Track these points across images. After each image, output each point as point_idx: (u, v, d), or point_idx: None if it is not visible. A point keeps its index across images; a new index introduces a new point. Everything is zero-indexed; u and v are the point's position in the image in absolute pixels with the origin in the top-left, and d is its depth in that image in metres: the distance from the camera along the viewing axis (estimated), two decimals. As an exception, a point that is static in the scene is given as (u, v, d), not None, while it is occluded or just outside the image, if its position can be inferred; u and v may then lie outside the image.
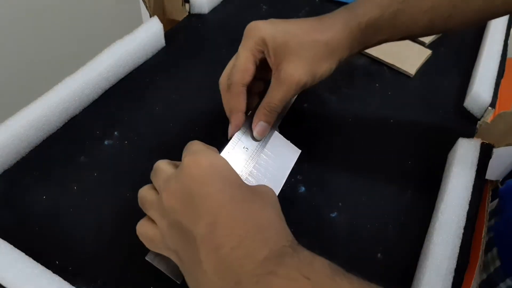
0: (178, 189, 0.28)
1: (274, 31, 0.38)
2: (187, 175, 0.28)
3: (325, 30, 0.38)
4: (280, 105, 0.39)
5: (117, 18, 1.02)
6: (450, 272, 0.35)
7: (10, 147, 0.40)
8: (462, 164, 0.42)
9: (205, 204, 0.27)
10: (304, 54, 0.37)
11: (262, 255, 0.25)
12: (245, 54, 0.39)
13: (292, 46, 0.37)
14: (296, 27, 0.38)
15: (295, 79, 0.37)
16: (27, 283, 0.32)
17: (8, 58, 0.85)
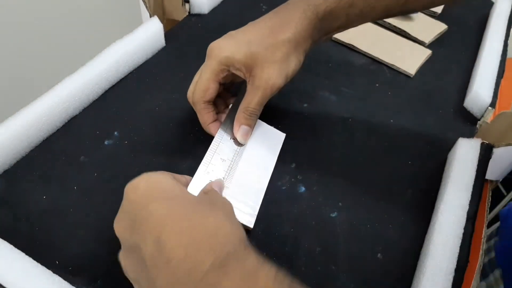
0: (123, 218, 0.29)
1: (237, 47, 0.39)
2: (127, 202, 0.29)
3: (285, 26, 0.39)
4: (258, 108, 0.41)
5: (117, 18, 1.02)
6: (450, 272, 0.35)
7: (10, 147, 0.40)
8: (462, 164, 0.42)
9: (148, 224, 0.27)
10: (272, 57, 0.38)
11: (207, 265, 0.25)
12: (207, 75, 0.41)
13: (258, 53, 0.38)
14: (257, 34, 0.39)
15: (270, 83, 0.39)
16: (27, 283, 0.32)
17: (8, 58, 0.85)
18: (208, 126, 0.43)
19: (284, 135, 0.45)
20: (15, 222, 0.37)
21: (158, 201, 0.28)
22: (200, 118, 0.43)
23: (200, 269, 0.25)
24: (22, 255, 0.33)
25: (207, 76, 0.41)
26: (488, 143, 0.44)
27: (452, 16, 0.65)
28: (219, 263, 0.25)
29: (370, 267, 0.37)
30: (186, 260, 0.25)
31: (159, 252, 0.26)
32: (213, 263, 0.25)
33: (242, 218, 0.37)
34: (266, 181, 0.41)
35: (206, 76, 0.41)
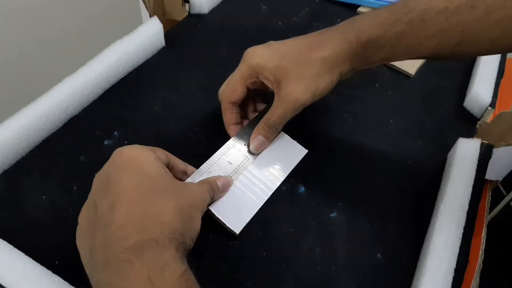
0: (100, 174, 0.32)
1: (270, 56, 0.39)
2: (110, 162, 0.31)
3: (323, 45, 0.38)
4: (279, 122, 0.40)
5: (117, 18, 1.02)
6: (450, 272, 0.35)
7: (10, 147, 0.40)
8: (462, 164, 0.42)
9: (114, 186, 0.29)
10: (302, 73, 0.38)
11: (131, 242, 0.27)
12: (236, 77, 0.41)
13: (290, 67, 0.38)
14: (293, 48, 0.39)
15: (293, 98, 0.38)
16: (27, 283, 0.32)
17: (8, 58, 0.85)
18: (228, 127, 0.43)
19: (305, 151, 0.44)
20: (15, 222, 0.37)
21: (129, 173, 0.30)
22: (224, 117, 0.43)
23: (125, 243, 0.27)
24: (22, 255, 0.33)
25: (236, 78, 0.41)
26: (488, 143, 0.44)
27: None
28: (140, 245, 0.27)
29: (370, 267, 0.37)
30: (120, 230, 0.27)
31: (108, 213, 0.28)
32: (136, 242, 0.27)
33: (231, 222, 0.37)
34: (269, 192, 0.41)
35: (235, 78, 0.41)
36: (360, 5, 0.64)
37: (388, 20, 0.36)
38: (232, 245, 0.37)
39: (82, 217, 0.31)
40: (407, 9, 0.36)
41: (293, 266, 0.37)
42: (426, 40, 0.36)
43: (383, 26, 0.36)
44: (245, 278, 0.36)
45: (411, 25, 0.36)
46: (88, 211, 0.30)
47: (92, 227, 0.29)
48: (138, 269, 0.26)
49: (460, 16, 0.35)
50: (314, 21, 0.62)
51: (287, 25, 0.61)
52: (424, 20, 0.35)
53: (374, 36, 0.37)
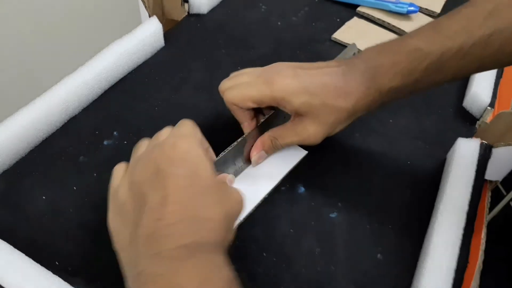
0: (147, 159, 0.31)
1: (297, 91, 0.38)
2: (163, 152, 0.31)
3: (349, 95, 0.38)
4: (285, 146, 0.41)
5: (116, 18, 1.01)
6: (450, 272, 0.35)
7: (10, 147, 0.40)
8: (462, 164, 0.42)
9: (166, 180, 0.29)
10: (326, 119, 0.38)
11: (185, 241, 0.27)
12: (252, 93, 0.39)
13: (315, 108, 0.38)
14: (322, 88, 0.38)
15: (311, 139, 0.39)
16: (27, 283, 0.32)
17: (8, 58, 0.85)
18: (243, 124, 0.42)
19: (305, 153, 0.44)
20: (15, 222, 0.37)
21: (183, 171, 0.30)
22: (235, 116, 0.42)
23: (179, 241, 0.27)
24: (22, 255, 0.33)
25: (252, 95, 0.39)
26: (487, 143, 0.44)
27: (451, 16, 0.65)
28: (193, 246, 0.27)
29: (370, 267, 0.37)
30: (171, 227, 0.28)
31: (160, 206, 0.28)
32: (189, 243, 0.27)
33: None
34: (264, 193, 0.40)
35: (251, 93, 0.39)
36: (360, 5, 0.64)
37: (406, 70, 0.36)
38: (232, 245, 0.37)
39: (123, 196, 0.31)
40: (424, 56, 0.36)
41: (293, 266, 0.37)
42: (443, 78, 0.37)
43: (402, 76, 0.37)
44: (245, 278, 0.36)
45: (428, 70, 0.36)
46: (132, 195, 0.30)
47: (137, 214, 0.29)
48: (190, 268, 0.27)
49: (476, 54, 0.35)
50: (314, 21, 0.62)
51: (287, 25, 0.61)
52: (441, 64, 0.36)
53: (394, 86, 0.37)
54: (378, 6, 0.64)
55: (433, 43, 0.36)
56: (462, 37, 0.35)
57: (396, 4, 0.62)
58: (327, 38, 0.59)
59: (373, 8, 0.64)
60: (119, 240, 0.31)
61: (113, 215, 0.32)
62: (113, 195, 0.32)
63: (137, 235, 0.28)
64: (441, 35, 0.36)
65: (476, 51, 0.35)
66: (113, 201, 0.32)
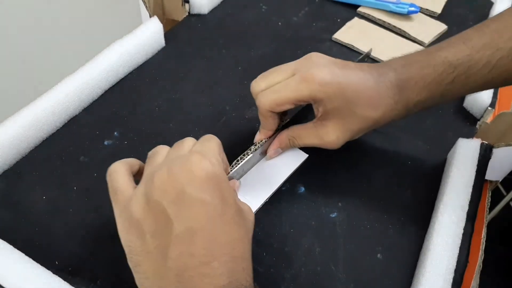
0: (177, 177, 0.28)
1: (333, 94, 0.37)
2: (189, 170, 0.28)
3: (379, 106, 0.38)
4: (302, 146, 0.41)
5: (116, 18, 1.01)
6: (450, 272, 0.35)
7: (10, 147, 0.40)
8: (462, 164, 0.42)
9: (194, 208, 0.27)
10: (351, 126, 0.38)
11: (222, 283, 0.26)
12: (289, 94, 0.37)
13: (345, 115, 0.38)
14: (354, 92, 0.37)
15: (333, 144, 0.39)
16: (27, 283, 0.32)
17: (8, 58, 0.85)
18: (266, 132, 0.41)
19: (306, 156, 0.44)
20: (15, 222, 0.37)
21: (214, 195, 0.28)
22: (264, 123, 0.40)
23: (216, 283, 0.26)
24: (22, 255, 0.33)
25: (289, 96, 0.37)
26: (488, 144, 0.44)
27: (452, 16, 0.65)
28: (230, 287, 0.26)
29: (370, 267, 0.37)
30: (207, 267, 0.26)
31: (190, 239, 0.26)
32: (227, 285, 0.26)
33: None
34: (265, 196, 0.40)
35: (288, 94, 0.37)
36: (360, 5, 0.64)
37: (434, 83, 0.37)
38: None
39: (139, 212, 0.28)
40: (451, 69, 0.36)
41: (293, 266, 0.37)
42: (468, 90, 0.38)
43: (430, 90, 0.37)
44: (245, 278, 0.36)
45: (455, 83, 0.37)
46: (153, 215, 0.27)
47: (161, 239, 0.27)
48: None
49: (504, 67, 0.36)
50: (314, 21, 0.62)
51: (287, 25, 0.61)
52: (468, 77, 0.36)
53: (421, 101, 0.37)
54: (379, 7, 0.64)
55: (461, 56, 0.36)
56: (490, 51, 0.35)
57: (396, 4, 0.62)
58: (327, 38, 0.59)
59: (373, 8, 0.64)
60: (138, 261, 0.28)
61: (126, 229, 0.29)
62: (123, 206, 0.29)
63: (167, 268, 0.26)
64: (469, 48, 0.36)
65: (504, 64, 0.35)
66: (124, 213, 0.29)
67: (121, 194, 0.30)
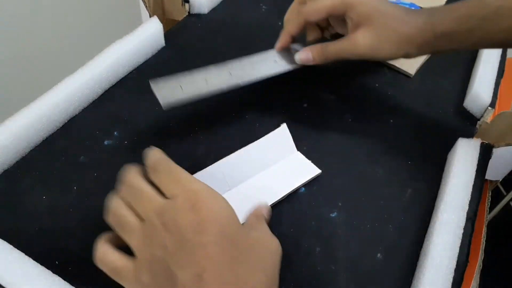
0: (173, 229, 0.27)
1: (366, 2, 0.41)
2: (184, 218, 0.27)
3: (407, 23, 0.40)
4: (333, 55, 0.43)
5: (116, 18, 1.02)
6: (450, 272, 0.35)
7: (10, 147, 0.40)
8: (462, 164, 0.42)
9: (197, 253, 0.26)
10: (378, 32, 0.41)
11: None
12: (326, 2, 0.42)
13: (376, 22, 0.41)
14: (387, 7, 0.41)
15: (359, 46, 0.42)
16: (27, 283, 0.32)
17: (8, 58, 0.85)
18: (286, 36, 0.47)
19: (319, 171, 0.42)
20: (15, 222, 0.37)
21: (215, 234, 0.26)
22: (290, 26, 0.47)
23: None
24: (22, 255, 0.33)
25: (326, 3, 0.42)
26: (488, 143, 0.44)
27: (452, 16, 0.65)
28: None
29: (370, 267, 0.37)
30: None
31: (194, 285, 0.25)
32: None
33: None
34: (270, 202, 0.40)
35: (326, 3, 0.42)
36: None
37: (464, 16, 0.38)
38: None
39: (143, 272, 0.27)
40: (483, 5, 0.38)
41: (293, 266, 0.37)
42: (496, 34, 0.39)
43: (458, 20, 0.39)
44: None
45: (484, 20, 0.38)
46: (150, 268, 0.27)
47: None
48: None
49: None
50: (314, 21, 0.62)
51: (287, 25, 0.61)
52: (497, 16, 0.38)
53: (448, 31, 0.39)
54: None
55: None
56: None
57: (396, 4, 0.62)
58: (327, 38, 0.59)
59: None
60: None
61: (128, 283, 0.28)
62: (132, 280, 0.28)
63: None
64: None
65: None
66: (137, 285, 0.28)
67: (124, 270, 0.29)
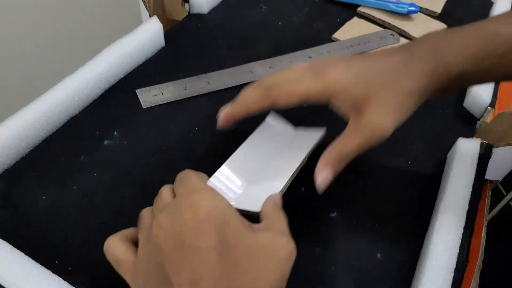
0: (168, 229, 0.25)
1: (353, 81, 0.33)
2: (181, 218, 0.25)
3: (412, 76, 0.33)
4: (353, 155, 0.33)
5: (116, 18, 1.02)
6: (450, 272, 0.35)
7: (10, 147, 0.40)
8: (462, 164, 0.42)
9: (194, 258, 0.24)
10: (391, 102, 0.32)
11: None
12: (301, 88, 0.34)
13: (376, 94, 0.33)
14: (379, 73, 0.33)
15: (383, 127, 0.32)
16: (27, 283, 0.32)
17: (8, 58, 0.85)
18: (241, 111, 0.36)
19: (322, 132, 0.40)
20: (15, 222, 0.37)
21: (213, 238, 0.24)
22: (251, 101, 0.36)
23: None
24: (22, 255, 0.33)
25: (301, 91, 0.34)
26: (488, 143, 0.44)
27: (452, 16, 0.65)
28: None
29: (370, 267, 0.37)
30: None
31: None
32: None
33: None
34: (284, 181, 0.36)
35: (300, 88, 0.34)
36: (360, 5, 0.64)
37: (481, 53, 0.32)
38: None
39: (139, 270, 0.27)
40: (502, 40, 0.32)
41: (293, 266, 0.37)
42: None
43: (475, 60, 0.32)
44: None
45: (503, 58, 0.32)
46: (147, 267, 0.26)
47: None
48: None
49: None
50: (314, 21, 0.62)
51: (287, 25, 0.61)
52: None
53: (465, 71, 0.32)
54: (379, 6, 0.64)
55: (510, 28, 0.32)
56: None
57: (396, 4, 0.62)
58: (327, 38, 0.59)
59: (373, 8, 0.64)
60: None
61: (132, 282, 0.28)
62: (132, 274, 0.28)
63: None
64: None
65: None
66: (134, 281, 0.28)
67: (124, 264, 0.28)
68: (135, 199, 0.39)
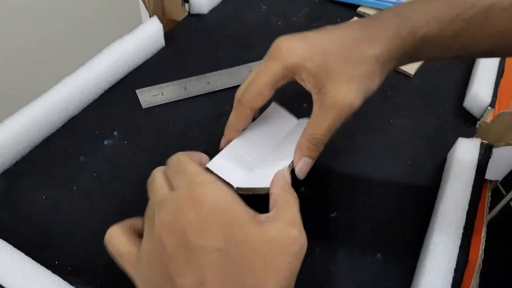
0: (171, 228, 0.24)
1: (310, 53, 0.32)
2: (184, 215, 0.24)
3: (373, 41, 0.31)
4: (327, 136, 0.33)
5: (116, 18, 1.02)
6: (449, 272, 0.35)
7: (10, 147, 0.40)
8: (462, 164, 0.42)
9: (198, 258, 0.23)
10: (353, 73, 0.31)
11: None
12: (265, 78, 0.33)
13: (336, 66, 0.31)
14: (337, 43, 0.32)
15: (347, 102, 0.31)
16: (27, 283, 0.32)
17: (8, 58, 0.85)
18: (229, 132, 0.36)
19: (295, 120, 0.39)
20: (15, 222, 0.37)
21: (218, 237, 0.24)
22: (235, 121, 0.36)
23: None
24: (22, 255, 0.33)
25: (266, 80, 0.33)
26: (488, 143, 0.44)
27: (451, 16, 0.65)
28: None
29: (370, 267, 0.37)
30: None
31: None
32: None
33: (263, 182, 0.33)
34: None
35: (264, 79, 0.33)
36: (360, 5, 0.64)
37: (447, 16, 0.31)
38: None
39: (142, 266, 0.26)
40: (469, 4, 0.31)
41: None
42: (483, 40, 0.32)
43: (441, 22, 0.31)
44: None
45: (471, 22, 0.31)
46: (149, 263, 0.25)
47: None
48: None
49: None
50: (314, 21, 0.62)
51: (287, 25, 0.61)
52: (486, 19, 0.31)
53: (430, 34, 0.31)
54: (379, 6, 0.64)
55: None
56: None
57: (396, 4, 0.62)
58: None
59: (373, 8, 0.64)
60: None
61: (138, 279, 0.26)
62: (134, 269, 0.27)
63: None
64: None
65: None
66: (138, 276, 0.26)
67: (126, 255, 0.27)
68: (135, 199, 0.39)
